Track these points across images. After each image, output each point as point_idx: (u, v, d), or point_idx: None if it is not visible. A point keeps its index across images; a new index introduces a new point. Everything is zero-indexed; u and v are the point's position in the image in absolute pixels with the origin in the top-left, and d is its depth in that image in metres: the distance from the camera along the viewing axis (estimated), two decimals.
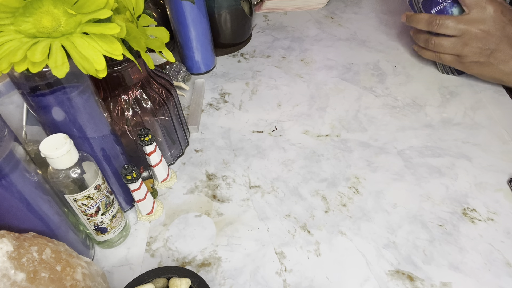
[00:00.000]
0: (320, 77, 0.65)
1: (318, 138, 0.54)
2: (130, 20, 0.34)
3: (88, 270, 0.34)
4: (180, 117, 0.52)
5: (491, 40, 0.53)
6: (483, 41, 0.53)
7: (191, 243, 0.43)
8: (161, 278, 0.35)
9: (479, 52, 0.54)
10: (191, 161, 0.53)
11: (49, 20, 0.29)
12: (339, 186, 0.48)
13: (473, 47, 0.54)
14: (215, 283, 0.40)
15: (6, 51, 0.28)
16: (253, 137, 0.55)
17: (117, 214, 0.42)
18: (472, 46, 0.54)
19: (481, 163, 0.49)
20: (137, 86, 0.45)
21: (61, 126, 0.36)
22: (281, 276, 0.40)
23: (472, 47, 0.54)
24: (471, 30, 0.54)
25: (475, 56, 0.55)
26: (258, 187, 0.49)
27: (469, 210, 0.44)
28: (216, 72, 0.68)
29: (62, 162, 0.34)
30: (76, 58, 0.29)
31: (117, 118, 0.45)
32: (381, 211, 0.45)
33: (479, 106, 0.57)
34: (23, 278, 0.30)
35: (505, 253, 0.40)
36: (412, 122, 0.55)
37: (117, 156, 0.43)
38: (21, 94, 0.35)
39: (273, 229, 0.44)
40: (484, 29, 0.53)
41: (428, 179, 0.48)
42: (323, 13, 0.81)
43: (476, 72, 0.57)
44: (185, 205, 0.47)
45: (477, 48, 0.54)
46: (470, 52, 0.55)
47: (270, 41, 0.74)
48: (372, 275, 0.39)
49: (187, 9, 0.59)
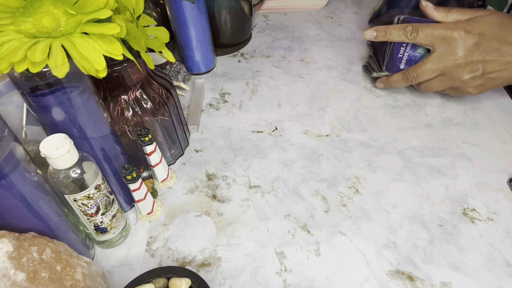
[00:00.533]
0: (320, 77, 0.65)
1: (318, 138, 0.54)
2: (130, 20, 0.34)
3: (88, 270, 0.34)
4: (180, 117, 0.52)
5: (474, 63, 0.49)
6: (468, 67, 0.50)
7: (191, 243, 0.43)
8: (161, 278, 0.35)
9: (471, 77, 0.50)
10: (191, 161, 0.53)
11: (49, 20, 0.29)
12: (339, 186, 0.48)
13: (463, 76, 0.51)
14: (215, 283, 0.40)
15: (6, 51, 0.28)
16: (253, 137, 0.55)
17: (117, 214, 0.42)
18: (461, 76, 0.51)
19: (481, 163, 0.49)
20: (137, 86, 0.45)
21: (61, 126, 0.36)
22: (281, 276, 0.40)
23: (462, 77, 0.51)
24: (448, 65, 0.50)
25: (472, 81, 0.51)
26: (258, 187, 0.49)
27: (469, 210, 0.44)
28: (216, 72, 0.68)
29: (62, 162, 0.34)
30: (76, 58, 0.29)
31: (117, 118, 0.45)
32: (381, 211, 0.45)
33: (479, 106, 0.57)
34: (23, 278, 0.30)
35: (505, 253, 0.40)
36: (412, 122, 0.55)
37: (117, 156, 0.43)
38: (21, 94, 0.35)
39: (273, 229, 0.44)
40: (459, 57, 0.49)
41: (428, 179, 0.48)
42: (323, 13, 0.81)
43: (489, 88, 0.53)
44: (185, 205, 0.47)
45: (467, 74, 0.50)
46: (463, 82, 0.51)
47: (270, 41, 0.74)
48: (372, 275, 0.39)
49: (187, 9, 0.59)
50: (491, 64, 0.49)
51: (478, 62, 0.49)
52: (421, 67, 0.52)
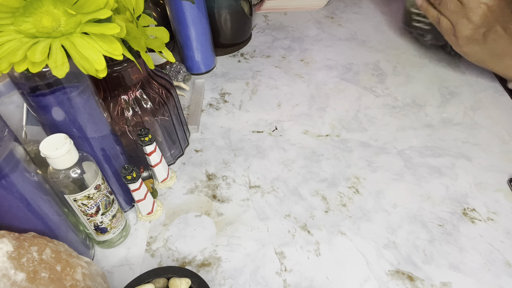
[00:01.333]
0: (320, 77, 0.65)
1: (318, 138, 0.54)
2: (130, 20, 0.34)
3: (88, 270, 0.34)
4: (180, 117, 0.52)
5: (489, 19, 0.51)
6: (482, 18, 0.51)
7: (191, 243, 0.43)
8: (161, 278, 0.35)
9: (473, 27, 0.52)
10: (191, 161, 0.53)
11: (49, 20, 0.29)
12: (339, 186, 0.48)
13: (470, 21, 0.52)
14: (215, 283, 0.40)
15: (6, 51, 0.28)
16: (253, 137, 0.55)
17: (117, 214, 0.42)
18: (470, 20, 0.52)
19: (481, 163, 0.49)
20: (137, 86, 0.45)
21: (61, 126, 0.36)
22: (281, 276, 0.40)
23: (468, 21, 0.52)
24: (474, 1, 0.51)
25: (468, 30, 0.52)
26: (258, 187, 0.49)
27: (469, 210, 0.44)
28: (216, 72, 0.68)
29: (62, 162, 0.34)
30: (76, 58, 0.29)
31: (117, 118, 0.45)
32: (381, 211, 0.45)
33: (479, 106, 0.57)
34: (23, 278, 0.30)
35: (505, 253, 0.40)
36: (412, 122, 0.55)
37: (117, 156, 0.43)
38: (21, 94, 0.35)
39: (273, 229, 0.44)
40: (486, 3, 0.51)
41: (428, 179, 0.48)
42: (323, 13, 0.81)
43: (466, 51, 0.55)
44: (185, 205, 0.47)
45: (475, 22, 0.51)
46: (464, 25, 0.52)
47: (270, 41, 0.74)
48: (372, 275, 0.39)
49: (187, 9, 0.59)
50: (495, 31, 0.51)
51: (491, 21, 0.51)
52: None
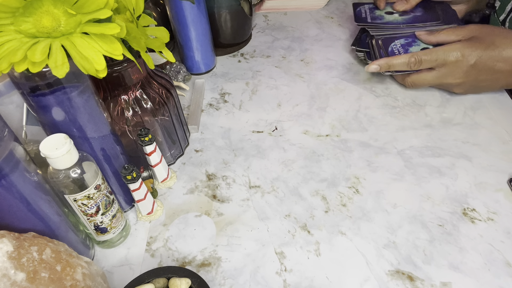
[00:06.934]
0: (320, 77, 0.65)
1: (318, 138, 0.54)
2: (130, 20, 0.34)
3: (88, 270, 0.34)
4: (180, 117, 0.52)
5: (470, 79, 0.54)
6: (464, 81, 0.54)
7: (191, 243, 0.43)
8: (161, 278, 0.35)
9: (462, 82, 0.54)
10: (191, 161, 0.53)
11: (49, 20, 0.29)
12: (339, 186, 0.48)
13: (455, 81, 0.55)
14: (215, 283, 0.40)
15: (6, 51, 0.28)
16: (253, 137, 0.55)
17: (117, 214, 0.42)
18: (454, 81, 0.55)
19: (481, 163, 0.49)
20: (137, 86, 0.45)
21: (61, 126, 0.36)
22: (281, 276, 0.40)
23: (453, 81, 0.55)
24: (446, 82, 0.55)
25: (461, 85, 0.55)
26: (258, 187, 0.49)
27: (469, 210, 0.44)
28: (216, 72, 0.68)
29: (62, 162, 0.34)
30: (76, 58, 0.29)
31: (117, 118, 0.45)
32: (381, 211, 0.45)
33: (479, 106, 0.57)
34: (23, 278, 0.30)
35: (505, 253, 0.40)
36: (412, 122, 0.55)
37: (117, 156, 0.43)
38: (21, 94, 0.35)
39: (273, 229, 0.44)
40: (458, 77, 0.54)
41: (428, 179, 0.48)
42: (323, 13, 0.81)
43: (475, 92, 0.58)
44: (185, 205, 0.47)
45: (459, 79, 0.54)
46: (451, 84, 0.55)
47: (270, 41, 0.74)
48: (372, 275, 0.39)
49: (187, 9, 0.59)
50: (484, 77, 0.53)
51: (473, 79, 0.54)
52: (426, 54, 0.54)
